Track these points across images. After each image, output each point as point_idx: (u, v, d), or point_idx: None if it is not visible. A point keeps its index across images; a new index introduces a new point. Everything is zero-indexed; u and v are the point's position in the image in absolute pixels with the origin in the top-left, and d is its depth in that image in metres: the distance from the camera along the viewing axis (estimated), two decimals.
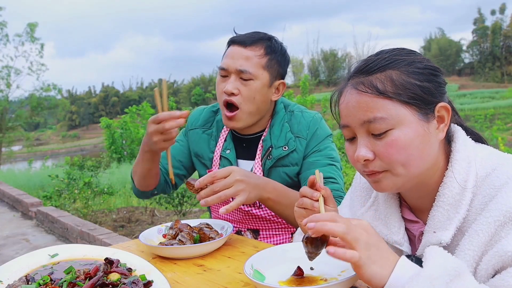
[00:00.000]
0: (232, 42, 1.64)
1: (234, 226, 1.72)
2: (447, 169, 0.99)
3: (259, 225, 1.68)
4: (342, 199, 1.56)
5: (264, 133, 1.71)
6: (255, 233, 1.70)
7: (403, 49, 1.02)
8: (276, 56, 1.64)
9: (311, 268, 1.07)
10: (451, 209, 0.95)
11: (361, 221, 0.87)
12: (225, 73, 1.61)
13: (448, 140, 1.02)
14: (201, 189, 1.34)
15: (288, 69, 1.75)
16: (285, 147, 1.65)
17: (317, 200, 1.11)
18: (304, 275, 1.03)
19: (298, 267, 1.03)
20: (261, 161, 1.67)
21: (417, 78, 0.95)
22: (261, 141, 1.70)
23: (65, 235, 5.28)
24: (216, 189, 1.32)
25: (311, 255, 0.90)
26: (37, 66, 19.56)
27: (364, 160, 0.97)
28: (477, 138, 1.07)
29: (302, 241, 0.91)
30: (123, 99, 71.23)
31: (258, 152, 1.69)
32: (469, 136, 1.04)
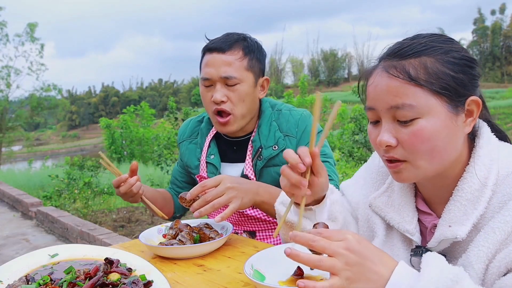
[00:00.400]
0: (208, 50, 1.62)
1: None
2: (468, 164, 0.97)
3: (255, 226, 1.68)
4: None
5: (253, 135, 1.70)
6: (252, 234, 1.70)
7: (441, 35, 0.98)
8: (255, 54, 1.64)
9: (311, 268, 1.06)
10: (469, 205, 0.94)
11: (346, 236, 0.83)
12: (209, 83, 1.60)
13: (472, 134, 1.00)
14: (194, 200, 1.33)
15: (288, 69, 1.77)
16: (274, 147, 1.64)
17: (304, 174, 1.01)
18: (304, 275, 1.03)
19: (298, 267, 1.03)
20: (252, 162, 1.66)
21: (452, 69, 0.92)
22: (250, 142, 1.69)
23: (65, 235, 5.28)
24: (208, 199, 1.31)
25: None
26: (37, 66, 19.59)
27: (386, 146, 0.95)
28: (502, 136, 1.04)
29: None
30: (123, 99, 71.25)
31: (248, 153, 1.68)
32: (493, 133, 1.02)
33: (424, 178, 0.98)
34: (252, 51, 1.63)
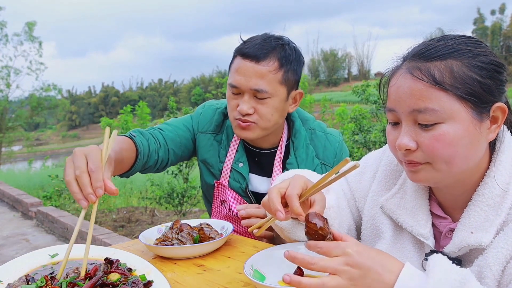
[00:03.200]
0: (242, 55, 1.49)
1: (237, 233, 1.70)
2: (488, 168, 0.95)
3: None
4: None
5: (280, 149, 1.62)
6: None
7: (470, 38, 0.94)
8: (292, 65, 1.51)
9: None
10: (490, 210, 0.92)
11: (345, 250, 0.82)
12: (237, 91, 1.51)
13: (493, 139, 0.97)
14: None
15: None
16: None
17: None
18: (304, 275, 1.03)
19: (298, 267, 1.03)
20: None
21: (479, 73, 0.89)
22: (278, 159, 1.61)
23: (65, 235, 5.28)
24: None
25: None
26: (36, 66, 19.57)
27: (405, 150, 0.93)
28: None
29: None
30: (123, 99, 71.17)
31: (275, 170, 1.61)
32: None
33: (441, 183, 0.96)
34: (289, 61, 1.51)
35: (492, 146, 0.98)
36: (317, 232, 0.88)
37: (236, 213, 1.60)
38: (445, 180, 0.94)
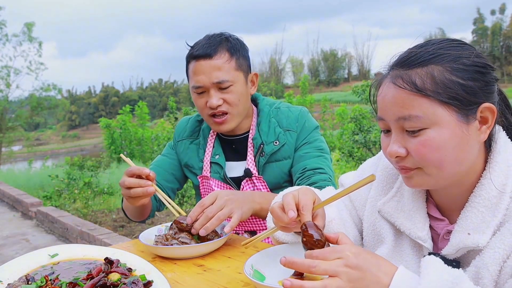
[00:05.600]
0: (194, 58, 1.61)
1: None
2: (485, 169, 0.95)
3: (256, 226, 1.69)
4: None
5: (252, 132, 1.72)
6: (252, 234, 1.70)
7: (452, 41, 0.95)
8: (240, 52, 1.65)
9: None
10: (487, 212, 0.92)
11: (344, 253, 0.83)
12: (202, 90, 1.61)
13: (489, 140, 0.97)
14: (193, 224, 1.33)
15: (288, 69, 1.77)
16: (276, 142, 1.67)
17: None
18: (304, 275, 1.03)
19: None
20: (255, 159, 1.68)
21: (460, 76, 0.89)
22: (250, 140, 1.71)
23: (65, 235, 5.28)
24: (211, 215, 1.31)
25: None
26: (36, 65, 19.57)
27: (396, 156, 0.94)
28: None
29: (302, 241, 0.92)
30: (123, 99, 71.16)
31: (249, 151, 1.70)
32: (509, 137, 0.99)
33: (436, 185, 0.96)
34: (237, 50, 1.64)
35: (488, 147, 0.98)
36: (314, 243, 0.91)
37: None
38: (440, 183, 0.95)
